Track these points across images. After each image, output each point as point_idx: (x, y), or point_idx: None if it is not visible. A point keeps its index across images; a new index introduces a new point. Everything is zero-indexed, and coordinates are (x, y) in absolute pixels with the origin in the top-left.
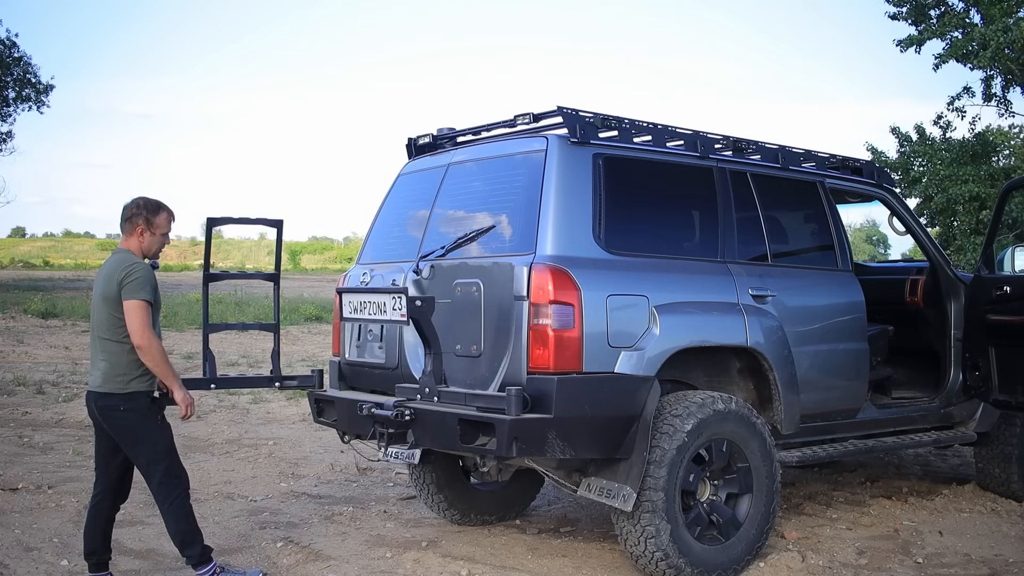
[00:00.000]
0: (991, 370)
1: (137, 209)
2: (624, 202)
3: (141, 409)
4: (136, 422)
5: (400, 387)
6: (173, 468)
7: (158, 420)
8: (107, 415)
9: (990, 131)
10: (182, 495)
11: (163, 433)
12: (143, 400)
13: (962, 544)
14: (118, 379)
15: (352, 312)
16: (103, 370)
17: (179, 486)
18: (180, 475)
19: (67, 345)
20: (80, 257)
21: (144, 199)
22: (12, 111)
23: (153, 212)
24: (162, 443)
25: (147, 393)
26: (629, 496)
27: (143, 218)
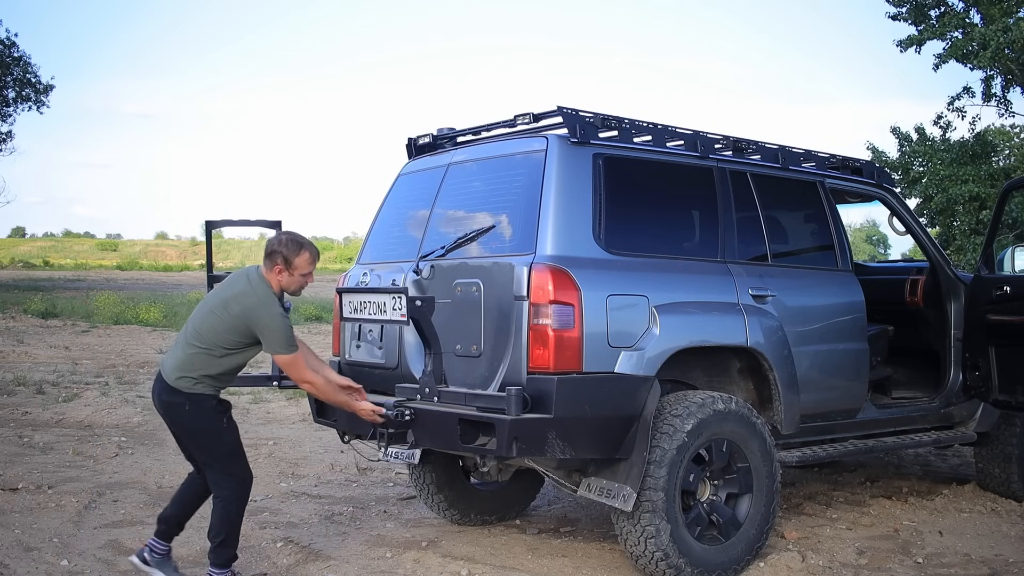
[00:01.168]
0: (991, 370)
1: (278, 246)
2: (624, 202)
3: (207, 411)
4: (200, 423)
5: (400, 387)
6: (236, 470)
7: (223, 421)
8: (170, 411)
9: (990, 131)
10: (237, 497)
11: (228, 435)
12: (209, 402)
13: (962, 544)
14: (188, 378)
15: (352, 312)
16: (179, 360)
17: (238, 488)
18: (244, 478)
19: (67, 345)
20: (80, 257)
21: (289, 237)
22: (12, 111)
23: (294, 252)
24: (226, 445)
25: (213, 396)
26: (629, 496)
27: (281, 257)
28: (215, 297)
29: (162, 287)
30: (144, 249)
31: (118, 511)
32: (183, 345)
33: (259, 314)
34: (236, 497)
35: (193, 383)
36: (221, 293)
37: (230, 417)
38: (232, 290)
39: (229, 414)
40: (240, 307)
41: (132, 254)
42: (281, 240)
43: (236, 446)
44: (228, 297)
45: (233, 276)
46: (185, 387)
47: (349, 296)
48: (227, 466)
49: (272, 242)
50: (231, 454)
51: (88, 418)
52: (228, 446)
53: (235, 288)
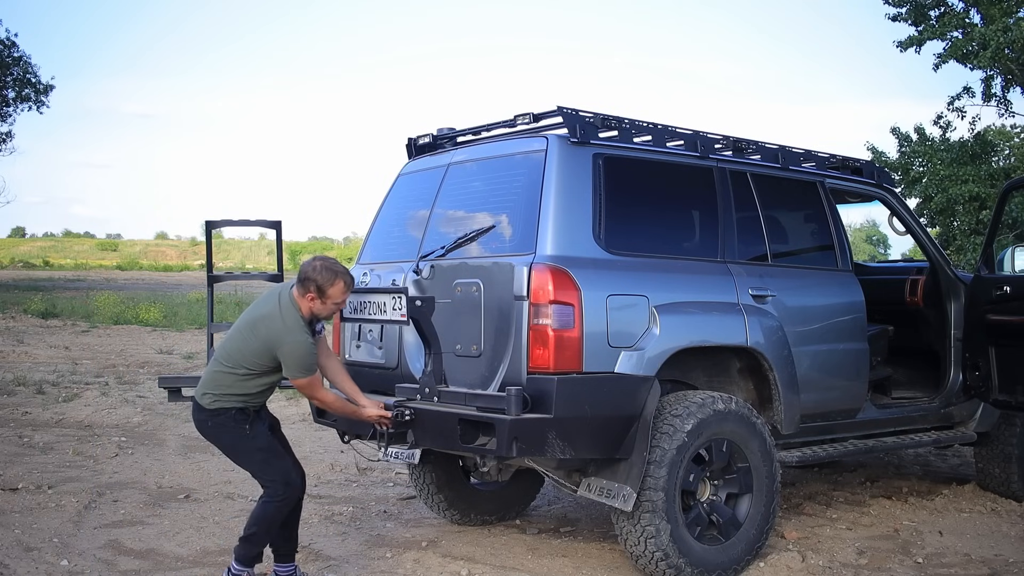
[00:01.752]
0: (991, 370)
1: (313, 273)
2: (624, 202)
3: (226, 423)
4: (225, 436)
5: (400, 387)
6: (274, 474)
7: (246, 428)
8: (200, 427)
9: (990, 131)
10: (279, 499)
11: (255, 441)
12: (228, 414)
13: (962, 544)
14: (210, 395)
15: (352, 312)
16: (206, 378)
17: (280, 490)
18: (285, 480)
19: (67, 345)
20: (80, 257)
21: (324, 264)
22: (12, 111)
23: (328, 282)
24: (257, 453)
25: (232, 407)
26: (629, 496)
27: (315, 285)
28: (245, 316)
29: (162, 287)
30: (144, 249)
31: (118, 511)
32: (212, 363)
33: (283, 340)
34: (278, 499)
35: (214, 399)
36: (252, 312)
37: (254, 422)
38: (261, 310)
39: (252, 419)
40: (266, 330)
41: (132, 254)
42: (316, 267)
43: (267, 451)
44: (256, 318)
45: (266, 295)
46: (207, 404)
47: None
48: (264, 472)
49: (307, 268)
50: (264, 461)
51: (88, 418)
52: (259, 453)
53: (264, 309)
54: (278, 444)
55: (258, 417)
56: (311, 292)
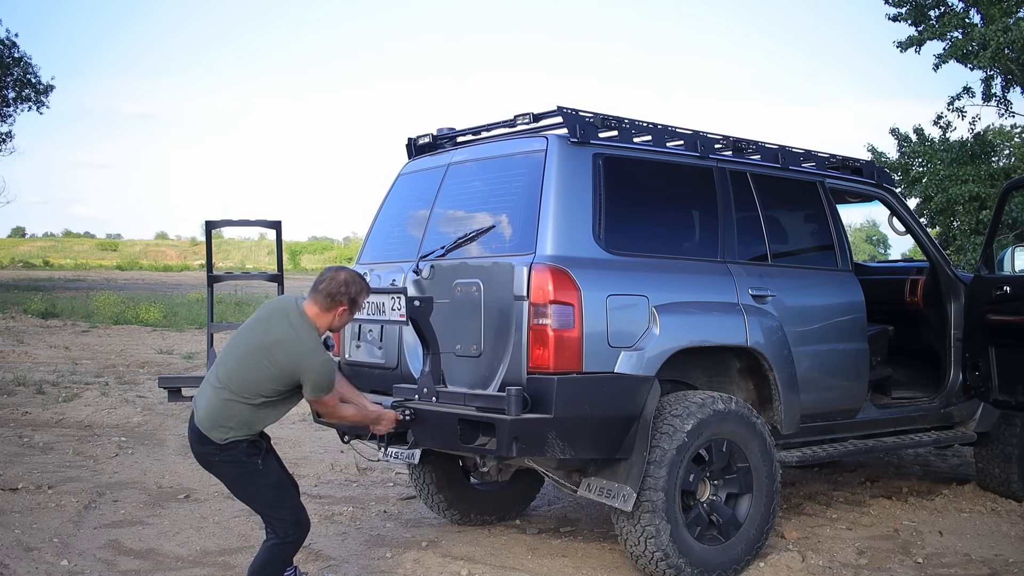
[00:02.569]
0: (991, 370)
1: (345, 288)
2: (624, 202)
3: (237, 456)
4: (233, 472)
5: (398, 387)
6: (284, 514)
7: (258, 463)
8: (205, 461)
9: (990, 131)
10: (291, 541)
11: (266, 477)
12: (240, 447)
13: (962, 544)
14: (224, 428)
15: None
16: (214, 409)
17: (292, 530)
18: (297, 519)
19: (67, 345)
20: (80, 257)
21: (350, 276)
22: (12, 111)
23: (360, 293)
24: (267, 489)
25: (243, 440)
26: (629, 496)
27: (348, 299)
28: (251, 340)
29: (162, 287)
30: (144, 249)
31: (118, 511)
32: (214, 390)
33: (309, 364)
34: (289, 540)
35: (226, 432)
36: (259, 337)
37: (265, 455)
38: (273, 335)
39: (263, 452)
40: (285, 356)
41: (132, 254)
42: (343, 280)
43: (278, 487)
44: (269, 344)
45: (270, 314)
46: (217, 438)
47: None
48: (274, 511)
49: (336, 284)
50: (275, 498)
51: (88, 418)
52: (271, 490)
53: (277, 333)
54: (287, 477)
55: (267, 448)
56: (343, 306)
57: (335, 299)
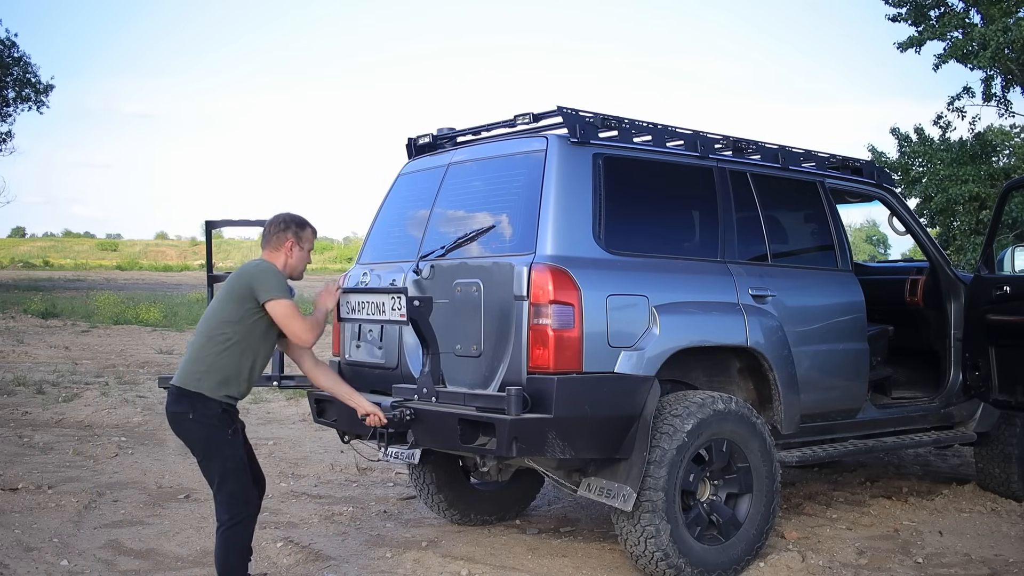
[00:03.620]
0: (991, 370)
1: (286, 224)
2: (624, 202)
3: (210, 420)
4: (203, 434)
5: (397, 387)
6: (239, 490)
7: (227, 433)
8: (176, 421)
9: (990, 131)
10: (242, 522)
11: (231, 448)
12: (213, 409)
13: (962, 544)
14: (192, 374)
15: (350, 312)
16: (186, 359)
17: (243, 511)
18: (248, 499)
19: (67, 345)
20: (80, 257)
21: (290, 214)
22: (12, 111)
23: (301, 227)
24: (230, 460)
25: (220, 403)
26: (629, 496)
27: (292, 231)
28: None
29: (162, 287)
30: (144, 249)
31: (118, 511)
32: (190, 345)
33: (255, 271)
34: (239, 522)
35: (197, 377)
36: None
37: (236, 430)
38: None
39: (236, 426)
40: (240, 275)
41: (132, 254)
42: (284, 219)
43: (239, 464)
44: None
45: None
46: (189, 384)
47: (347, 296)
48: (229, 483)
49: (277, 222)
50: (234, 472)
51: (88, 418)
52: (232, 462)
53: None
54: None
55: (239, 429)
56: (289, 239)
57: (280, 237)
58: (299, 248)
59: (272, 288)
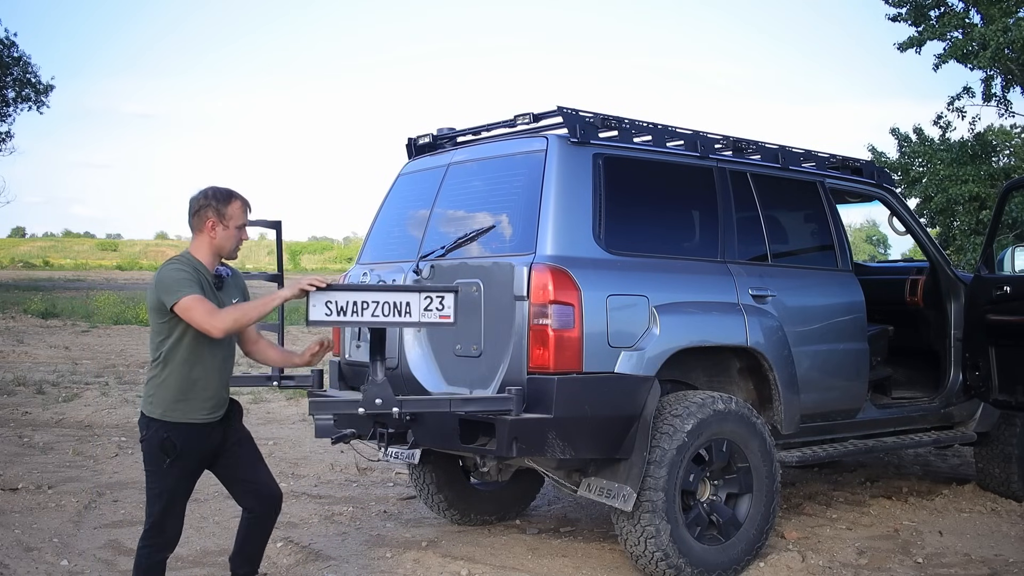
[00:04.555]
0: (991, 370)
1: (205, 200)
2: (624, 202)
3: (156, 439)
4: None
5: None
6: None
7: (164, 463)
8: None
9: (990, 131)
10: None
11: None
12: (159, 432)
13: (962, 544)
14: (146, 398)
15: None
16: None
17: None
18: (164, 529)
19: (67, 345)
20: (80, 257)
21: (212, 188)
22: (12, 111)
23: (223, 201)
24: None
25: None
26: (629, 496)
27: (212, 209)
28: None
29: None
30: (144, 249)
31: (118, 511)
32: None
33: (156, 278)
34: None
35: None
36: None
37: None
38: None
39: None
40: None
41: (132, 254)
42: (205, 193)
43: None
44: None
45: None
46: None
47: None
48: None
49: (195, 200)
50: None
51: (88, 418)
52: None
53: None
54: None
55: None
56: (210, 219)
57: (199, 216)
58: (223, 227)
59: (171, 287)
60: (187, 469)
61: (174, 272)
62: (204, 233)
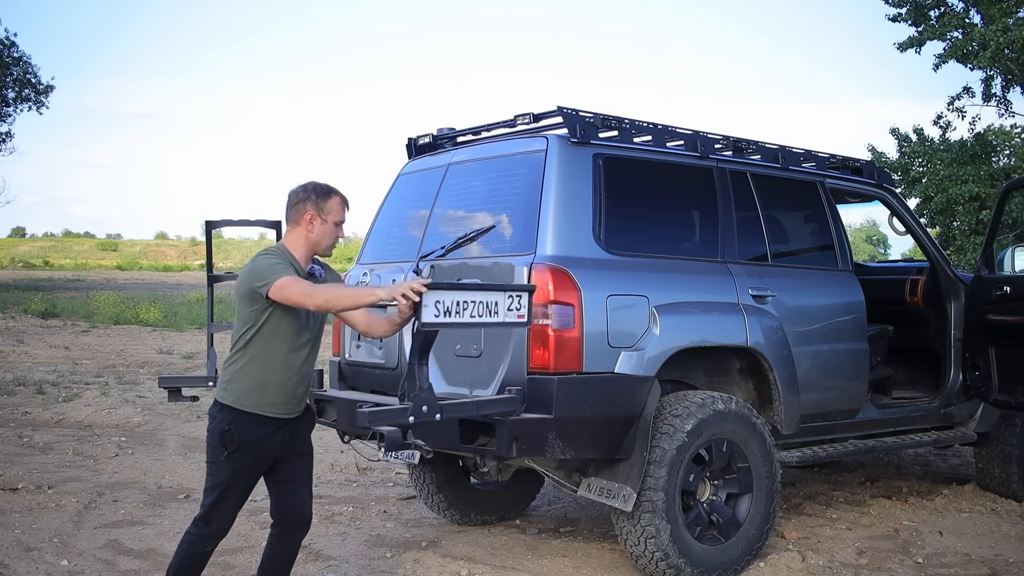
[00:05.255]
0: (991, 370)
1: (305, 193)
2: (624, 202)
3: (218, 429)
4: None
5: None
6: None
7: (222, 456)
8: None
9: (990, 131)
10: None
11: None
12: (223, 422)
13: (962, 544)
14: (224, 384)
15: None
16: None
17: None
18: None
19: (67, 345)
20: (80, 257)
21: (312, 182)
22: (12, 111)
23: (323, 195)
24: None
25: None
26: (629, 496)
27: (311, 202)
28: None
29: (162, 287)
30: (144, 249)
31: (118, 511)
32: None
33: (249, 267)
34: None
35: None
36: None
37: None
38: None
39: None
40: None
41: (132, 254)
42: (305, 188)
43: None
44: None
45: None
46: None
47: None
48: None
49: (295, 193)
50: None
51: (88, 418)
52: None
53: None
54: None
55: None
56: (309, 211)
57: (298, 208)
58: (321, 220)
59: (265, 274)
60: (245, 466)
61: (268, 260)
62: (301, 226)
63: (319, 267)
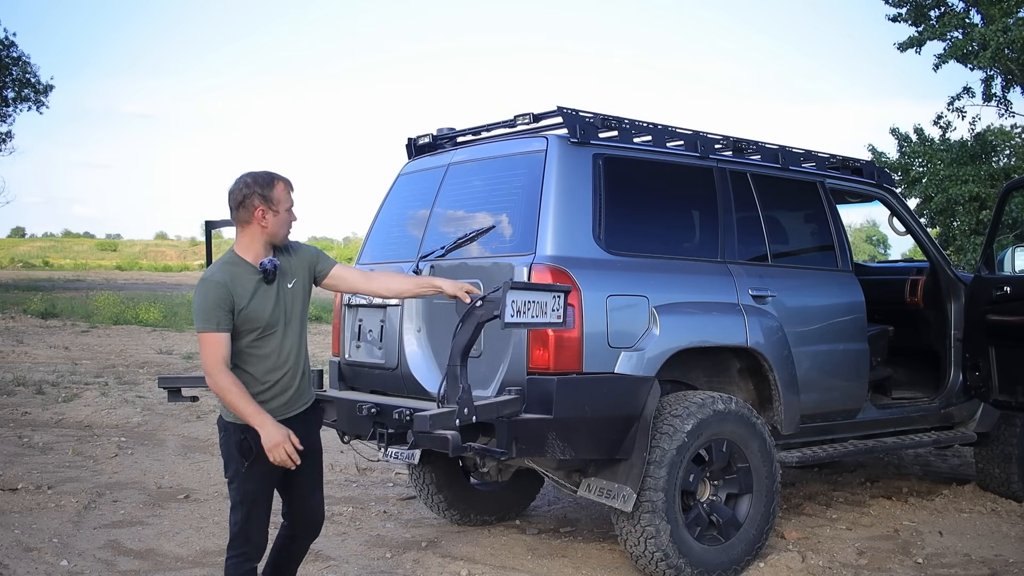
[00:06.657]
0: (991, 370)
1: (248, 188)
2: (624, 202)
3: (234, 440)
4: (227, 454)
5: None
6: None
7: (243, 467)
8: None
9: (990, 131)
10: (239, 560)
11: (245, 483)
12: (236, 434)
13: (962, 544)
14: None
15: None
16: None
17: (241, 547)
18: (250, 537)
19: (67, 345)
20: (80, 257)
21: (249, 174)
22: (12, 111)
23: (266, 186)
24: (238, 492)
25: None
26: (629, 496)
27: (258, 196)
28: None
29: (162, 287)
30: (144, 249)
31: (118, 511)
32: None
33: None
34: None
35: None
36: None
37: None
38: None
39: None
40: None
41: (132, 254)
42: (245, 182)
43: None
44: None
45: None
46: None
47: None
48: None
49: (236, 191)
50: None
51: (88, 418)
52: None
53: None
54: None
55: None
56: (259, 207)
57: (246, 206)
58: (273, 212)
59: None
60: (266, 472)
61: (201, 298)
62: (253, 224)
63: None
